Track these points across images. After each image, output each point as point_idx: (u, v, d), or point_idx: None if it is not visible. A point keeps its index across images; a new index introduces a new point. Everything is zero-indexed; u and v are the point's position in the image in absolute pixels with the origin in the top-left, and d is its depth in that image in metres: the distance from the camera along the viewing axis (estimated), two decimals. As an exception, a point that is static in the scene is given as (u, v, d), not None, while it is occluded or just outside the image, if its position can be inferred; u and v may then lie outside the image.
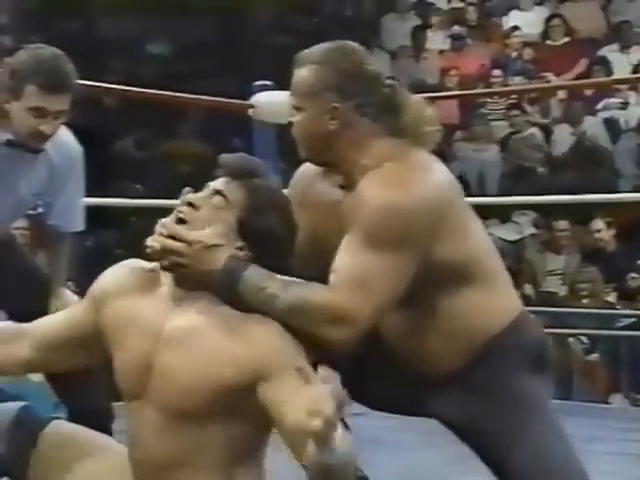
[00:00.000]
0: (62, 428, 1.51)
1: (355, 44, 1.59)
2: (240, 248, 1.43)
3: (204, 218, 1.43)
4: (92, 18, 7.60)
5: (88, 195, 2.34)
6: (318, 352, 1.40)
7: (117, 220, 5.72)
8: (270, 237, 1.43)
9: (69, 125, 2.17)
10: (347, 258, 1.44)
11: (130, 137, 6.85)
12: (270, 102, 3.30)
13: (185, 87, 4.17)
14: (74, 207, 2.24)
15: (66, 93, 2.04)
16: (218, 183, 1.45)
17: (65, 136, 2.18)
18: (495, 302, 1.54)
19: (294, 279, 1.43)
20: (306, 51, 1.56)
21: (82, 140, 2.23)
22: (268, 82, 3.43)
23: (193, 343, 1.39)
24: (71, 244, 2.33)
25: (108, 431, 1.60)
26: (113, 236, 6.01)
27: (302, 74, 1.53)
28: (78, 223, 2.28)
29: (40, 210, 2.23)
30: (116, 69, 6.76)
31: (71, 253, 2.34)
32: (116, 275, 1.51)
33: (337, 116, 1.50)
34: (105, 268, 1.57)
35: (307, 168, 1.62)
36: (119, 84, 4.10)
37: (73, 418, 2.13)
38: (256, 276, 1.41)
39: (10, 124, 2.05)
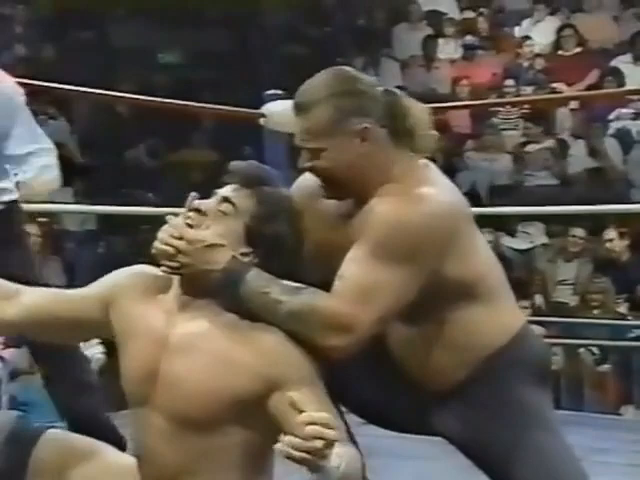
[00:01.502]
0: (58, 436, 1.50)
1: (343, 66, 1.57)
2: (246, 254, 1.43)
3: (210, 223, 1.44)
4: (105, 27, 7.64)
5: (100, 203, 2.34)
6: (320, 361, 1.41)
7: (129, 227, 5.74)
8: (278, 245, 1.44)
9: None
10: (353, 267, 1.44)
11: (143, 145, 6.88)
12: (281, 111, 3.31)
13: (197, 96, 4.19)
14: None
15: None
16: (227, 190, 1.46)
17: None
18: (498, 316, 1.54)
19: (296, 284, 1.44)
20: (303, 95, 1.52)
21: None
22: (280, 91, 3.44)
23: (199, 350, 1.39)
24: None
25: (108, 439, 1.59)
26: (124, 243, 6.03)
27: (315, 115, 1.49)
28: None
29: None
30: (129, 78, 6.79)
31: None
32: (128, 278, 1.51)
33: (368, 136, 1.49)
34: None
35: (311, 177, 1.60)
36: (132, 93, 4.12)
37: (72, 426, 2.12)
38: (258, 279, 1.42)
39: None
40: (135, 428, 1.47)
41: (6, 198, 2.15)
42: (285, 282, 1.43)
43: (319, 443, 1.22)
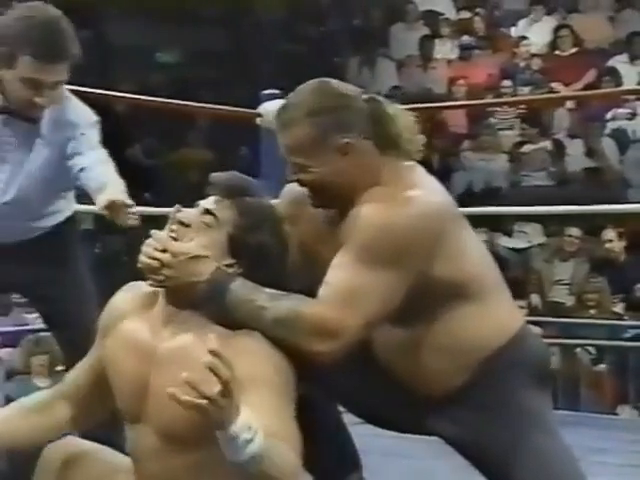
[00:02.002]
0: (63, 441, 1.50)
1: (324, 78, 1.56)
2: (230, 265, 1.44)
3: (193, 235, 1.44)
4: (103, 26, 7.64)
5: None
6: (307, 366, 1.41)
7: (125, 227, 5.74)
8: (262, 254, 1.45)
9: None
10: (339, 272, 1.44)
11: (139, 145, 6.88)
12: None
13: (194, 95, 4.19)
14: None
15: (64, 62, 1.87)
16: (208, 202, 1.47)
17: (68, 112, 1.95)
18: (494, 318, 1.53)
19: (281, 292, 1.44)
20: (284, 112, 1.52)
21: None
22: (276, 91, 3.44)
23: (185, 363, 1.38)
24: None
25: (112, 443, 1.58)
26: (121, 243, 6.03)
27: (296, 134, 1.50)
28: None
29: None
30: (126, 77, 6.79)
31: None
32: (115, 302, 1.52)
33: (350, 150, 1.50)
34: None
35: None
36: (129, 92, 4.11)
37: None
38: (243, 288, 1.42)
39: (3, 90, 1.88)
40: (128, 443, 1.47)
41: (59, 218, 2.12)
42: (269, 290, 1.43)
43: (215, 388, 1.19)
